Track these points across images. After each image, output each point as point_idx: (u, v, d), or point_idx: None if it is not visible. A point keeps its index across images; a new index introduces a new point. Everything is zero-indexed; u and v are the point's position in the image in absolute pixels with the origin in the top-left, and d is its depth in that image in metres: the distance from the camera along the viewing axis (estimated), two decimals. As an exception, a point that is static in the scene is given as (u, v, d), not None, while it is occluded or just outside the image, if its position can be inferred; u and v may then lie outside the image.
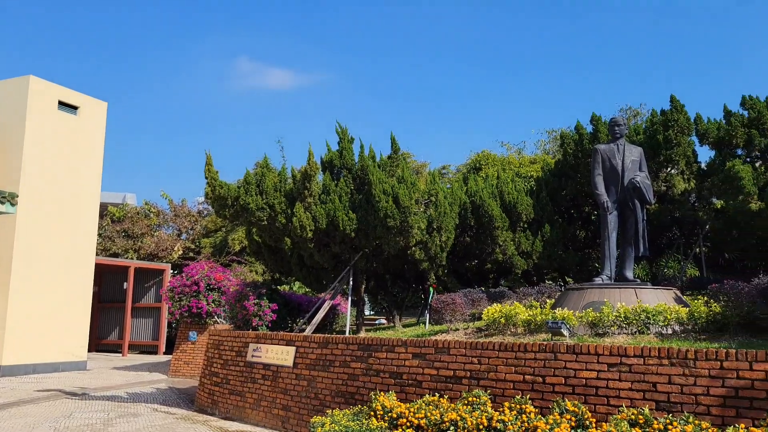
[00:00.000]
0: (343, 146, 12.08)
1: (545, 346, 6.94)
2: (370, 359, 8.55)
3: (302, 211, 10.98)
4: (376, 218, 10.96)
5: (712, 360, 5.90)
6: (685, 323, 8.17)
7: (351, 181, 11.78)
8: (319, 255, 11.80)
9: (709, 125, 13.07)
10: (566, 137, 14.29)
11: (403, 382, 8.05)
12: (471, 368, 7.45)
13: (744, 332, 7.83)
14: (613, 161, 10.15)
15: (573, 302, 9.47)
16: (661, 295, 9.24)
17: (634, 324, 8.18)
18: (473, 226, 13.36)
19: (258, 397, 10.23)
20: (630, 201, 10.00)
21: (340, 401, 8.72)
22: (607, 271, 10.01)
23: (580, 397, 6.50)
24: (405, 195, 10.83)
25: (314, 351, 9.46)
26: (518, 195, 13.37)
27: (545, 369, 6.85)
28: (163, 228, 29.89)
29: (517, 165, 24.95)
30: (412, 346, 8.13)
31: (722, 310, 7.99)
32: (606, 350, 6.52)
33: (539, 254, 13.47)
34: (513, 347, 7.18)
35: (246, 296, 11.69)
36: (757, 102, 12.91)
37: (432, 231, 11.69)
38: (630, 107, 28.60)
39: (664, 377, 6.09)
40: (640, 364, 6.27)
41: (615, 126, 10.34)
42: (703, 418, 5.72)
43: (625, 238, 10.23)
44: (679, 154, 12.40)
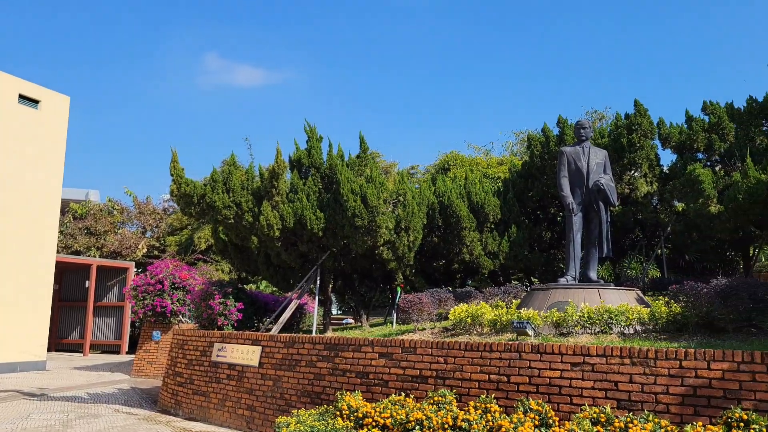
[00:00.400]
0: (311, 145, 12.02)
1: (510, 346, 7.00)
2: (337, 359, 8.52)
3: (269, 209, 10.89)
4: (344, 218, 10.93)
5: (671, 359, 6.02)
6: (646, 323, 8.34)
7: (319, 180, 11.73)
8: (286, 254, 11.72)
9: (672, 129, 13.38)
10: (533, 139, 14.47)
11: (369, 381, 8.04)
12: (437, 368, 7.48)
13: (703, 332, 8.02)
14: (579, 163, 10.30)
15: (538, 302, 9.58)
16: (624, 295, 9.41)
17: (597, 324, 8.32)
18: (441, 226, 13.43)
19: (223, 397, 10.11)
20: (594, 203, 10.16)
21: (306, 401, 8.67)
22: (572, 272, 10.15)
23: (544, 396, 6.58)
24: (373, 195, 10.82)
25: (280, 350, 9.39)
26: (486, 196, 13.49)
27: (510, 368, 6.92)
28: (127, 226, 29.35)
29: (485, 166, 25.16)
30: (379, 346, 8.12)
31: (682, 310, 8.17)
32: (569, 350, 6.61)
33: (506, 254, 13.61)
34: (478, 347, 7.23)
35: (211, 295, 11.55)
36: (717, 107, 13.25)
37: (400, 231, 11.71)
38: (596, 110, 29.10)
39: (625, 376, 6.20)
40: (602, 364, 6.37)
41: (580, 129, 10.49)
42: (662, 416, 5.84)
43: (590, 240, 10.39)
44: (643, 157, 12.66)
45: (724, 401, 5.64)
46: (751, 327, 8.39)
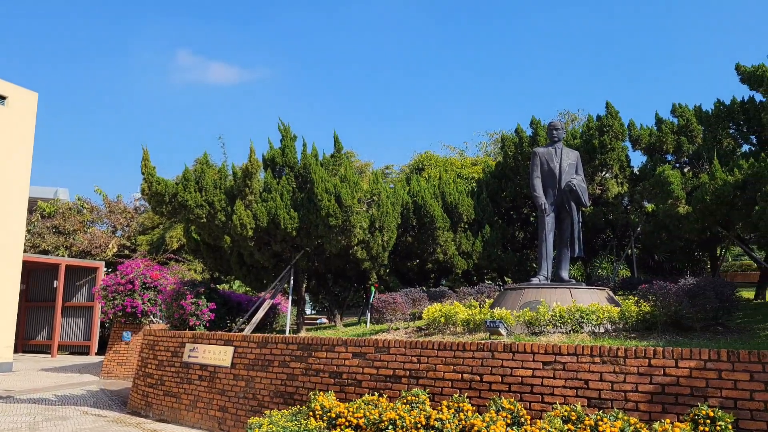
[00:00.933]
0: (285, 144, 11.95)
1: (483, 345, 7.04)
2: (310, 359, 8.48)
3: (243, 208, 10.80)
4: (318, 217, 10.89)
5: (641, 358, 6.11)
6: (616, 322, 8.46)
7: (293, 180, 11.66)
8: (259, 254, 11.64)
9: (642, 131, 13.59)
10: (506, 140, 14.59)
11: (342, 381, 8.02)
12: (410, 367, 7.48)
13: (671, 331, 8.17)
14: (551, 164, 10.40)
15: (511, 302, 9.66)
16: (595, 295, 9.53)
17: (568, 323, 8.41)
18: (415, 226, 13.46)
19: (194, 398, 9.99)
20: (566, 203, 10.27)
21: (279, 401, 8.62)
22: (544, 272, 10.25)
23: (516, 394, 6.63)
24: (347, 194, 10.79)
25: (253, 351, 9.32)
26: (459, 196, 13.55)
27: (483, 367, 6.95)
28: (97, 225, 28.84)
29: (459, 166, 25.29)
30: (353, 346, 8.11)
31: (651, 309, 8.31)
32: (541, 349, 6.66)
33: (479, 254, 13.70)
34: (452, 346, 7.26)
35: (183, 295, 11.41)
36: (686, 110, 13.50)
37: (374, 230, 11.70)
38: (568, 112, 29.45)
39: (595, 375, 6.27)
40: (573, 362, 6.44)
41: (553, 130, 10.60)
42: (631, 413, 5.92)
43: (562, 240, 10.50)
44: (614, 158, 12.84)
45: (692, 399, 5.74)
46: (718, 326, 8.56)
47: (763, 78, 10.25)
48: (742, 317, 10.19)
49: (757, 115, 11.65)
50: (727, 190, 10.65)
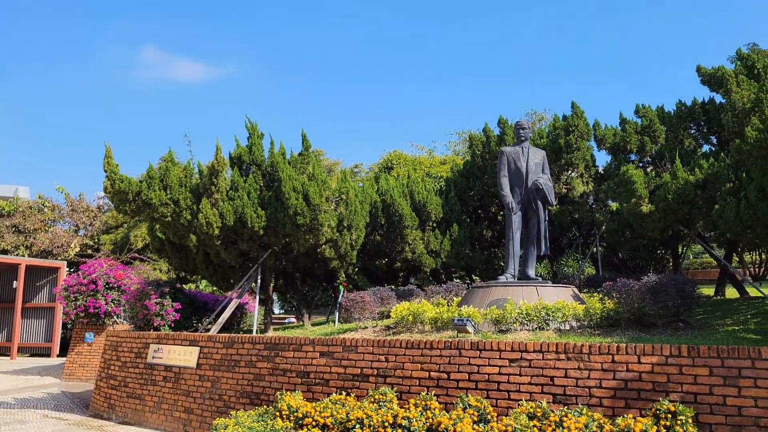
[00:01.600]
0: (252, 142, 11.83)
1: (450, 343, 7.07)
2: (277, 358, 8.40)
3: (209, 207, 10.66)
4: (285, 216, 10.80)
5: (604, 354, 6.20)
6: (581, 319, 8.58)
7: (260, 178, 11.55)
8: (226, 253, 11.50)
9: (606, 131, 13.81)
10: (474, 139, 14.68)
11: (310, 381, 7.97)
12: (378, 366, 7.47)
13: (634, 327, 8.32)
14: (518, 163, 10.49)
15: (478, 300, 9.72)
16: (561, 292, 9.65)
17: (535, 320, 8.50)
18: (384, 224, 13.47)
19: (158, 399, 9.82)
20: (533, 202, 10.37)
21: (245, 402, 8.52)
22: (511, 270, 10.34)
23: (483, 392, 6.67)
24: (315, 193, 10.73)
25: (219, 351, 9.20)
26: (428, 195, 13.60)
27: (450, 365, 6.98)
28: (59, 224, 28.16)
29: (428, 165, 25.38)
30: (320, 345, 8.06)
31: (615, 306, 8.45)
32: (507, 346, 6.71)
33: (447, 253, 13.76)
34: (419, 344, 7.26)
35: (147, 295, 11.21)
36: (649, 111, 13.77)
37: (342, 229, 11.66)
38: (535, 112, 29.78)
39: (561, 371, 6.34)
40: (539, 359, 6.51)
41: (520, 129, 10.69)
42: (595, 409, 6.01)
43: (528, 238, 10.61)
44: (579, 158, 13.03)
45: (654, 394, 5.85)
46: (680, 322, 8.75)
47: (723, 80, 10.50)
48: (703, 313, 10.44)
49: (717, 115, 11.93)
50: (688, 189, 10.88)
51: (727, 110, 9.40)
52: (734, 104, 9.27)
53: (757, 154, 8.57)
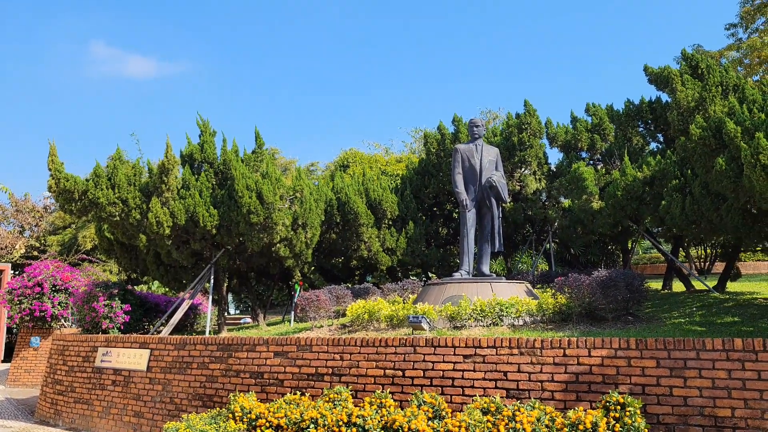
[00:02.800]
0: (204, 139, 11.59)
1: (405, 341, 7.06)
2: (230, 359, 8.25)
3: (159, 206, 10.39)
4: (238, 214, 10.63)
5: (556, 348, 6.29)
6: (534, 314, 8.69)
7: (213, 176, 11.33)
8: (177, 252, 11.24)
9: (558, 129, 14.04)
10: (429, 137, 14.74)
11: (264, 381, 7.85)
12: (333, 365, 7.41)
13: (586, 321, 8.47)
14: (472, 160, 10.57)
15: (434, 297, 9.76)
16: (514, 288, 9.76)
17: (489, 316, 8.58)
18: (339, 222, 13.39)
19: (107, 404, 9.54)
20: (487, 199, 10.47)
21: (198, 405, 8.35)
22: (466, 267, 10.41)
23: (438, 388, 6.68)
24: (269, 191, 10.59)
25: (170, 353, 8.98)
26: (383, 192, 13.58)
27: (405, 363, 6.97)
28: (3, 224, 27.13)
29: (384, 164, 25.39)
30: (274, 345, 7.95)
31: (567, 301, 8.59)
32: (462, 342, 6.74)
33: (403, 250, 13.78)
34: (374, 342, 7.23)
35: (95, 297, 10.87)
36: (599, 109, 14.06)
37: (297, 228, 11.54)
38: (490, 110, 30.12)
39: (513, 366, 6.40)
40: (492, 355, 6.56)
41: (474, 127, 10.77)
42: (547, 403, 6.08)
43: (483, 235, 10.71)
44: (532, 155, 13.21)
45: (603, 386, 5.95)
46: (629, 315, 8.96)
47: (668, 79, 10.80)
48: (651, 307, 10.72)
49: (663, 114, 12.27)
50: (636, 186, 11.15)
51: (673, 109, 9.67)
52: (679, 103, 9.53)
53: (701, 152, 8.83)
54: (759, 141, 6.01)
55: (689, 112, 9.41)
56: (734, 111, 8.43)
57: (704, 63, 11.22)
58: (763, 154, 5.94)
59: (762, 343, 5.53)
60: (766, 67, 24.22)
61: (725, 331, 7.59)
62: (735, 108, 8.46)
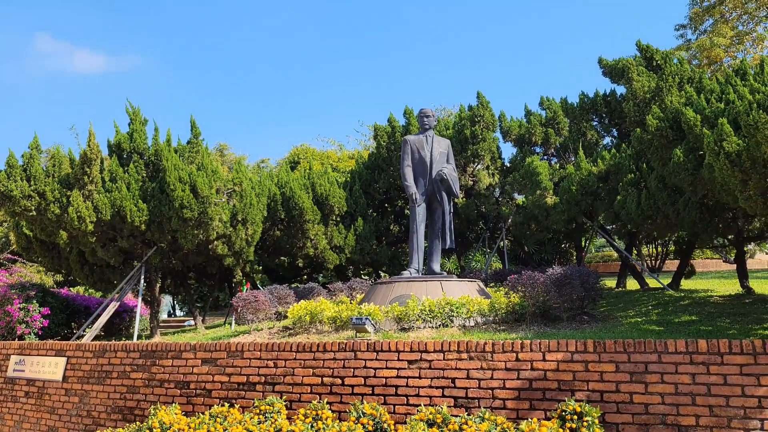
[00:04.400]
0: (134, 128, 10.69)
1: (345, 345, 6.42)
2: (154, 368, 7.47)
3: (80, 199, 9.48)
4: (170, 209, 9.80)
5: (508, 352, 5.75)
6: (486, 315, 8.18)
7: (143, 168, 10.46)
8: (103, 251, 10.33)
9: (512, 123, 13.63)
10: (379, 130, 14.11)
11: (190, 392, 7.10)
12: (266, 372, 6.72)
13: (540, 321, 8.00)
14: (422, 152, 10.01)
15: (381, 297, 9.16)
16: (466, 287, 9.23)
17: (438, 317, 8.03)
18: (284, 219, 12.66)
19: (19, 418, 8.61)
20: (438, 193, 9.91)
21: (118, 418, 7.53)
22: (415, 264, 9.84)
23: (380, 397, 6.07)
24: (204, 183, 9.80)
25: (89, 361, 8.13)
26: (331, 187, 12.90)
27: (345, 369, 6.33)
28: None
29: (336, 160, 24.70)
30: (202, 351, 7.21)
31: (520, 300, 8.10)
32: (406, 346, 6.15)
33: (352, 248, 13.13)
34: (311, 347, 6.58)
35: (9, 300, 9.89)
36: (553, 103, 13.70)
37: (236, 224, 10.76)
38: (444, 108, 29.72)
39: (462, 372, 5.84)
40: (439, 360, 5.98)
41: (424, 117, 10.21)
42: (499, 412, 5.54)
43: (433, 231, 10.15)
44: (485, 149, 12.73)
45: (559, 393, 5.44)
46: (584, 315, 8.53)
47: (624, 70, 10.46)
48: (606, 306, 10.36)
49: (618, 107, 11.96)
50: (591, 181, 10.78)
51: (629, 99, 9.30)
52: (635, 93, 9.17)
53: (658, 143, 8.47)
54: (723, 127, 5.60)
55: (645, 103, 9.06)
56: (692, 101, 8.08)
57: (659, 55, 10.93)
58: (727, 141, 5.53)
59: (728, 345, 5.10)
60: (715, 68, 24.50)
61: (683, 330, 7.21)
62: (693, 98, 8.11)
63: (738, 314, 8.12)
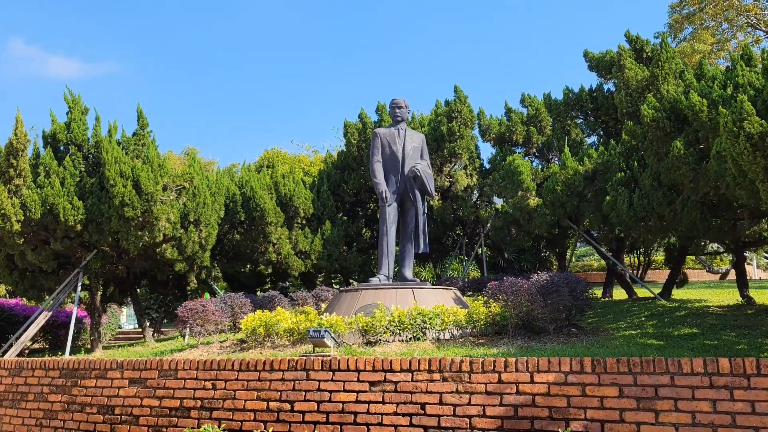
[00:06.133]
0: (72, 117, 9.57)
1: (296, 363, 5.41)
2: (75, 389, 6.37)
3: (5, 195, 8.35)
4: (110, 207, 8.71)
5: (489, 372, 4.79)
6: (463, 326, 7.23)
7: (81, 162, 9.35)
8: (34, 254, 9.18)
9: (492, 121, 12.76)
10: (349, 127, 13.13)
11: (114, 418, 6.02)
12: (203, 395, 5.67)
13: (523, 334, 7.09)
14: (393, 147, 9.05)
15: (346, 306, 8.16)
16: (441, 295, 8.27)
17: (409, 329, 7.06)
18: (244, 221, 11.60)
19: (-77, 448, 7.42)
20: (410, 192, 8.95)
21: (31, 449, 6.41)
22: (385, 270, 8.86)
23: (336, 426, 5.06)
24: (149, 179, 8.73)
25: (3, 381, 7.00)
26: (296, 187, 11.88)
27: (295, 392, 5.32)
28: None
29: (309, 164, 23.68)
30: (130, 370, 6.14)
31: (501, 310, 7.18)
32: (368, 365, 5.15)
33: (319, 254, 12.11)
34: (256, 366, 5.55)
35: None
36: (535, 100, 12.87)
37: (188, 225, 9.70)
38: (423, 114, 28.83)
39: (434, 396, 4.86)
40: (407, 381, 4.99)
41: (396, 108, 9.26)
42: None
43: (406, 234, 9.17)
44: (463, 147, 11.83)
45: (551, 423, 4.49)
46: (572, 327, 7.64)
47: (612, 64, 9.66)
48: (593, 316, 9.49)
49: (606, 103, 11.13)
50: (577, 180, 9.94)
51: (620, 89, 8.45)
52: (628, 82, 8.33)
53: (653, 136, 7.62)
54: (743, 105, 4.74)
55: (639, 93, 8.21)
56: (692, 88, 7.24)
57: (650, 47, 10.15)
58: (749, 122, 4.67)
59: (755, 364, 4.20)
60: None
61: (686, 345, 6.32)
62: (693, 85, 7.27)
63: (743, 327, 7.27)
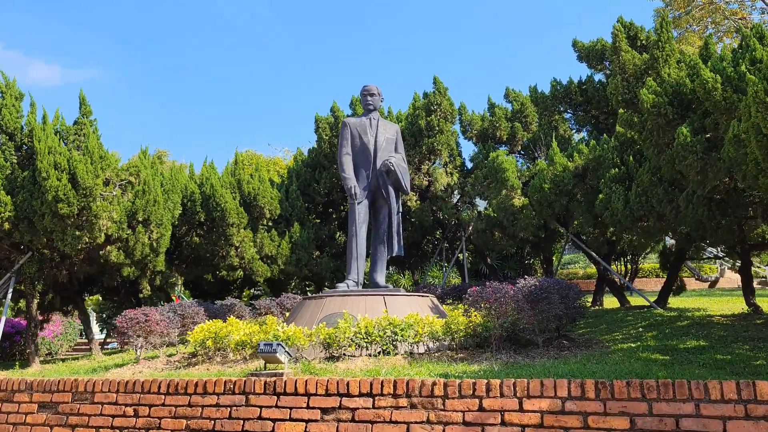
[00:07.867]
0: (4, 103, 8.52)
1: (233, 385, 4.44)
2: (-24, 415, 5.34)
3: None
4: (43, 203, 7.69)
5: (467, 397, 3.86)
6: (440, 338, 6.32)
7: (13, 153, 8.31)
8: (-44, 256, 8.13)
9: (473, 117, 11.92)
10: (320, 121, 12.16)
11: (18, 451, 5.00)
12: (123, 424, 4.68)
13: (508, 347, 6.19)
14: (365, 138, 8.12)
15: (309, 315, 7.20)
16: (416, 303, 7.34)
17: (378, 341, 6.12)
18: (204, 222, 10.60)
19: None
20: (383, 188, 8.01)
21: None
22: (354, 275, 7.91)
23: (280, 464, 4.10)
24: (87, 171, 7.72)
25: None
26: (261, 186, 10.92)
27: (231, 421, 4.35)
28: None
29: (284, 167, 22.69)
30: (40, 392, 5.12)
31: (484, 320, 6.26)
32: (320, 387, 4.21)
33: (286, 258, 11.13)
34: (186, 388, 4.57)
35: None
36: (520, 95, 12.05)
37: (135, 224, 8.68)
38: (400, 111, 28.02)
39: (400, 427, 3.92)
40: (367, 408, 4.05)
41: (368, 95, 8.34)
42: (453, 492, 3.63)
43: (378, 235, 8.24)
44: (443, 142, 10.95)
45: (545, 463, 3.56)
46: (563, 339, 6.75)
47: (604, 51, 8.86)
48: (584, 327, 8.63)
49: (597, 95, 10.33)
50: (567, 177, 9.09)
51: (616, 74, 7.61)
52: (624, 66, 7.49)
53: (653, 125, 6.78)
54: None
55: (637, 78, 7.38)
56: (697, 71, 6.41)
57: (644, 34, 9.36)
58: (784, 90, 3.83)
59: (803, 389, 3.32)
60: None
61: (696, 360, 5.44)
62: (699, 66, 6.44)
63: (756, 339, 6.42)
